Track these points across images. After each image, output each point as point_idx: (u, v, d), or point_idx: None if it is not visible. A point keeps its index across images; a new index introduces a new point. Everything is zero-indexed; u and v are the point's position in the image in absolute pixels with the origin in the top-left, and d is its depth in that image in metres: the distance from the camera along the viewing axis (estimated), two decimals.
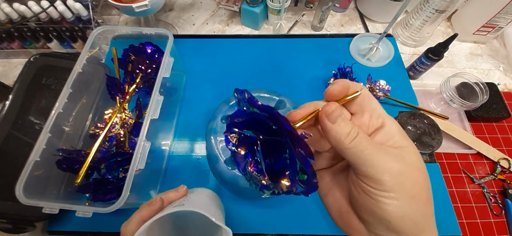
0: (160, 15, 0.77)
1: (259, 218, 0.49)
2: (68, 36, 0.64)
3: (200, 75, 0.64)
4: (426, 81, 0.65)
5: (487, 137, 0.57)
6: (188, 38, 0.70)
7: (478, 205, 0.50)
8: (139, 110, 0.52)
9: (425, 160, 0.52)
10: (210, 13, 0.78)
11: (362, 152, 0.16)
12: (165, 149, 0.54)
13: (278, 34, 0.71)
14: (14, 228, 0.44)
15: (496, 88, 0.60)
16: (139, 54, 0.52)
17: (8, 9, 0.61)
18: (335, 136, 0.17)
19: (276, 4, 0.67)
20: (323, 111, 0.17)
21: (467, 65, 0.68)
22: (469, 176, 0.53)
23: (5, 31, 0.63)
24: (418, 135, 0.44)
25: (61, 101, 0.44)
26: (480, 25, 0.64)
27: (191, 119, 0.58)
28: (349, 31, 0.74)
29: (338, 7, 0.76)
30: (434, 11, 0.59)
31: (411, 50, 0.70)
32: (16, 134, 0.49)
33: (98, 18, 0.67)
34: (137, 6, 0.56)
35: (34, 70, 0.54)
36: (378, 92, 0.59)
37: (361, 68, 0.64)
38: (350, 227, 0.19)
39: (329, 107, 0.17)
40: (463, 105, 0.53)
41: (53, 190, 0.45)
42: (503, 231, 0.48)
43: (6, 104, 0.50)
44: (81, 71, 0.47)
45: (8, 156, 0.47)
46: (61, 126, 0.45)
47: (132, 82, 0.52)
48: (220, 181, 0.44)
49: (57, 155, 0.42)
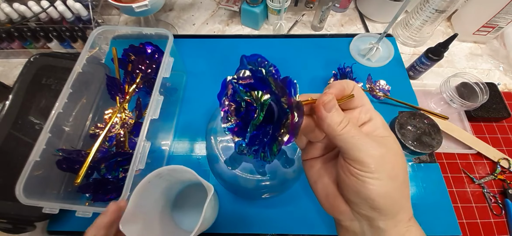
0: (160, 15, 0.77)
1: (259, 218, 0.48)
2: (68, 36, 0.64)
3: (200, 75, 0.64)
4: (426, 81, 0.65)
5: (487, 137, 0.57)
6: (188, 38, 0.70)
7: (478, 205, 0.50)
8: (139, 110, 0.52)
9: (425, 160, 0.52)
10: (210, 13, 0.78)
11: (352, 138, 0.19)
12: (165, 149, 0.54)
13: (278, 34, 0.71)
14: (14, 228, 0.44)
15: (496, 88, 0.60)
16: (139, 54, 0.52)
17: (8, 9, 0.61)
18: (329, 123, 0.19)
19: (276, 4, 0.67)
20: (320, 101, 0.19)
21: (467, 65, 0.68)
22: (469, 176, 0.53)
23: (5, 31, 0.63)
24: (418, 135, 0.44)
25: (61, 101, 0.44)
26: (480, 25, 0.64)
27: (191, 119, 0.58)
28: (349, 31, 0.74)
29: (338, 7, 0.76)
30: (434, 11, 0.59)
31: (411, 50, 0.70)
32: (16, 134, 0.49)
33: (98, 18, 0.67)
34: (137, 6, 0.56)
35: (34, 70, 0.54)
36: (378, 92, 0.59)
37: (361, 68, 0.64)
38: (337, 210, 0.22)
39: (326, 97, 0.19)
40: (463, 105, 0.53)
41: (53, 190, 0.45)
42: (503, 231, 0.48)
43: (6, 104, 0.50)
44: (81, 71, 0.47)
45: (8, 156, 0.47)
46: (61, 126, 0.45)
47: (132, 82, 0.52)
48: (220, 181, 0.44)
49: (57, 155, 0.42)
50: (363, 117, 0.21)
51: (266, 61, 0.21)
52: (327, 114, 0.19)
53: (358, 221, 0.21)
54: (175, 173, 0.35)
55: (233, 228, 0.48)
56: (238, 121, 0.22)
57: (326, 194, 0.23)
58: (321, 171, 0.24)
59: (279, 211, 0.49)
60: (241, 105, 0.22)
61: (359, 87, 0.22)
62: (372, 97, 0.59)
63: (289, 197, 0.50)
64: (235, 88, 0.22)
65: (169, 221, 0.42)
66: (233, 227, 0.48)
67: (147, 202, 0.35)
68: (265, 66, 0.21)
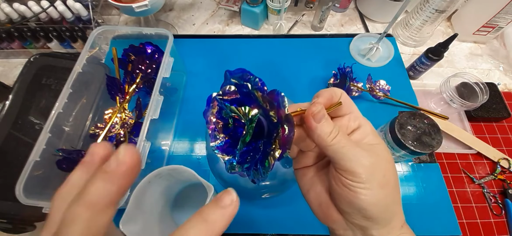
0: (160, 15, 0.77)
1: (259, 218, 0.49)
2: (68, 36, 0.64)
3: (200, 75, 0.64)
4: (426, 81, 0.65)
5: (487, 137, 0.57)
6: (188, 38, 0.70)
7: (478, 205, 0.50)
8: (139, 110, 0.52)
9: (425, 160, 0.52)
10: (210, 13, 0.78)
11: (342, 148, 0.19)
12: (165, 149, 0.54)
13: (278, 34, 0.71)
14: (14, 228, 0.44)
15: (496, 88, 0.60)
16: (139, 54, 0.52)
17: (8, 9, 0.61)
18: (320, 134, 0.19)
19: (276, 4, 0.67)
20: (309, 111, 0.19)
21: (467, 65, 0.68)
22: (469, 176, 0.53)
23: (5, 31, 0.63)
24: (418, 135, 0.44)
25: (61, 101, 0.43)
26: (480, 25, 0.64)
27: (191, 119, 0.58)
28: (349, 31, 0.74)
29: (338, 7, 0.76)
30: (434, 11, 0.59)
31: (411, 50, 0.70)
32: (16, 134, 0.49)
33: (98, 18, 0.67)
34: (137, 6, 0.56)
35: (34, 70, 0.54)
36: (378, 92, 0.59)
37: (361, 68, 0.64)
38: (330, 219, 0.22)
39: (315, 108, 0.19)
40: (463, 105, 0.53)
41: (53, 190, 0.44)
42: (503, 231, 0.48)
43: (6, 104, 0.50)
44: (81, 71, 0.47)
45: (8, 156, 0.47)
46: (61, 126, 0.45)
47: (132, 82, 0.52)
48: (220, 181, 0.44)
49: (57, 155, 0.42)
50: (352, 124, 0.21)
51: (251, 75, 0.20)
52: (317, 125, 0.19)
53: (352, 231, 0.21)
54: (175, 173, 0.36)
55: (233, 228, 0.48)
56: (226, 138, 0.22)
57: (319, 203, 0.23)
58: (314, 179, 0.23)
59: (279, 211, 0.49)
60: (228, 122, 0.22)
61: (347, 95, 0.22)
62: (372, 97, 0.59)
63: (289, 197, 0.49)
64: (221, 105, 0.21)
65: (169, 221, 0.42)
66: (233, 227, 0.48)
67: (147, 202, 0.35)
68: (249, 80, 0.20)
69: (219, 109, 0.22)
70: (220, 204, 0.15)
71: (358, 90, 0.58)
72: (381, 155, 0.20)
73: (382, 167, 0.19)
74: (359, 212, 0.19)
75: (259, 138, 0.21)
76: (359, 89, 0.58)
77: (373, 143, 0.21)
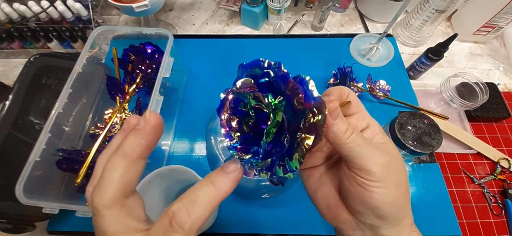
0: (160, 15, 0.77)
1: (259, 218, 0.48)
2: (68, 36, 0.64)
3: (200, 75, 0.64)
4: (426, 81, 0.65)
5: (487, 137, 0.57)
6: (188, 38, 0.70)
7: (478, 205, 0.50)
8: (139, 111, 0.52)
9: (425, 160, 0.52)
10: (210, 13, 0.78)
11: (358, 146, 0.18)
12: (165, 149, 0.54)
13: (278, 34, 0.71)
14: (14, 228, 0.44)
15: (496, 88, 0.60)
16: (139, 54, 0.52)
17: (8, 9, 0.61)
18: (335, 132, 0.18)
19: (276, 4, 0.67)
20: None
21: (467, 65, 0.68)
22: (469, 176, 0.53)
23: (5, 31, 0.63)
24: (418, 135, 0.44)
25: (61, 101, 0.44)
26: (480, 25, 0.64)
27: (191, 119, 0.58)
28: (349, 31, 0.74)
29: (338, 7, 0.76)
30: (434, 11, 0.59)
31: (411, 50, 0.70)
32: (16, 134, 0.49)
33: (98, 18, 0.67)
34: (137, 6, 0.56)
35: (34, 70, 0.54)
36: (378, 92, 0.59)
37: (361, 68, 0.64)
38: (339, 220, 0.21)
39: (332, 104, 0.19)
40: (463, 105, 0.53)
41: (53, 190, 0.45)
42: (503, 231, 0.48)
43: (6, 104, 0.50)
44: (81, 71, 0.47)
45: (8, 156, 0.47)
46: (61, 125, 0.45)
47: (132, 82, 0.52)
48: None
49: (57, 155, 0.42)
50: (361, 124, 0.21)
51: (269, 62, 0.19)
52: (333, 122, 0.18)
53: (361, 230, 0.20)
54: (175, 173, 0.35)
55: (233, 228, 0.48)
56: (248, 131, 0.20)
57: (327, 204, 0.22)
58: (321, 179, 0.23)
59: (279, 211, 0.49)
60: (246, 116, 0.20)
61: (354, 94, 0.21)
62: (372, 97, 0.59)
63: (289, 197, 0.50)
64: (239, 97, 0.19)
65: None
66: (233, 227, 0.48)
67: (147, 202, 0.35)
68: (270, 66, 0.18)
69: (235, 104, 0.20)
70: (226, 169, 0.18)
71: (358, 90, 0.58)
72: (394, 154, 0.20)
73: (396, 166, 0.19)
74: (372, 211, 0.19)
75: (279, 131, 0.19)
76: (359, 89, 0.58)
77: (383, 142, 0.20)
